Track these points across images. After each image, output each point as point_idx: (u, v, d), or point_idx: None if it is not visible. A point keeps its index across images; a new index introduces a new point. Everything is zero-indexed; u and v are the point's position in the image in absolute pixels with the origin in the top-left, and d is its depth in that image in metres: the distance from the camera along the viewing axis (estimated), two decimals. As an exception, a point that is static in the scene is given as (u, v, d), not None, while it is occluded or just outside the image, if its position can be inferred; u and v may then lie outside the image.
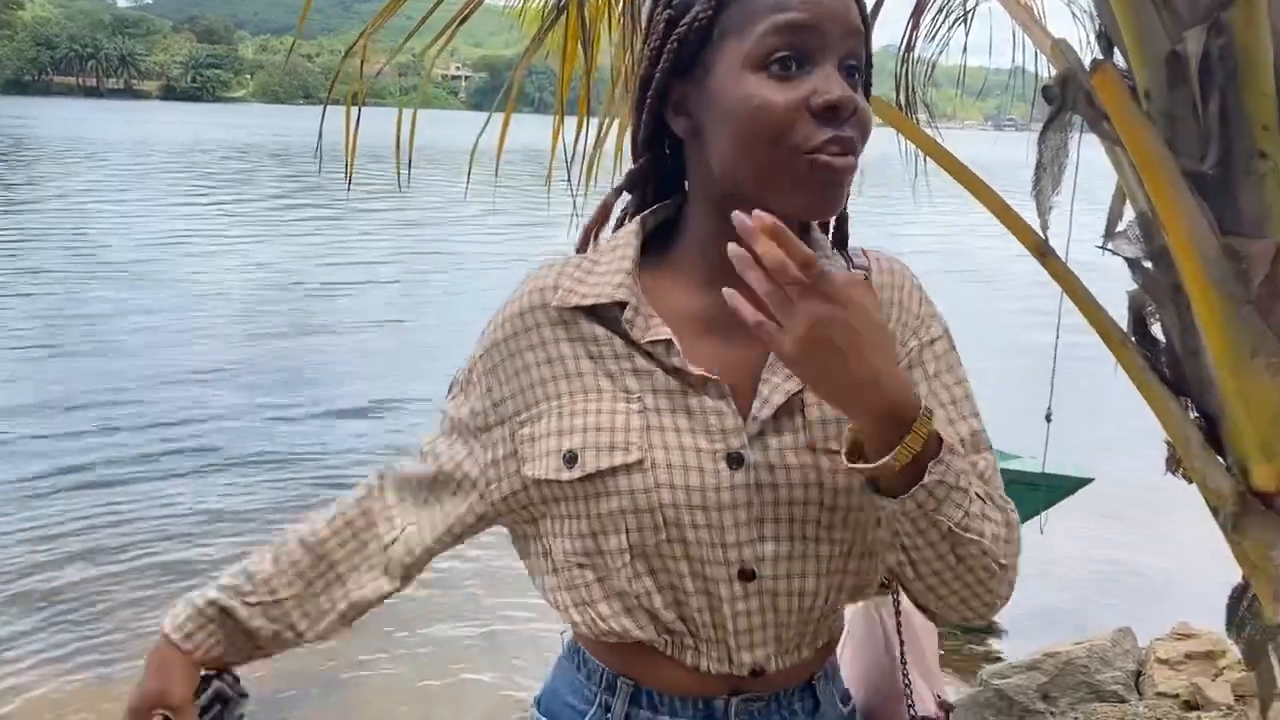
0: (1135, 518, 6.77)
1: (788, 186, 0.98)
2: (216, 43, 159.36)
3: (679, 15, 1.04)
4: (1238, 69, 1.81)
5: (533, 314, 1.09)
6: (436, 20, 3.04)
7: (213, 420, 8.50)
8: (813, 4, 0.98)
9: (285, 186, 29.15)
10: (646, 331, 1.05)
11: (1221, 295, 1.81)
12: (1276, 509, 1.85)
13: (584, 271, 1.09)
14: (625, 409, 1.04)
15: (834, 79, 0.97)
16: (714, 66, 1.01)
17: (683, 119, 1.06)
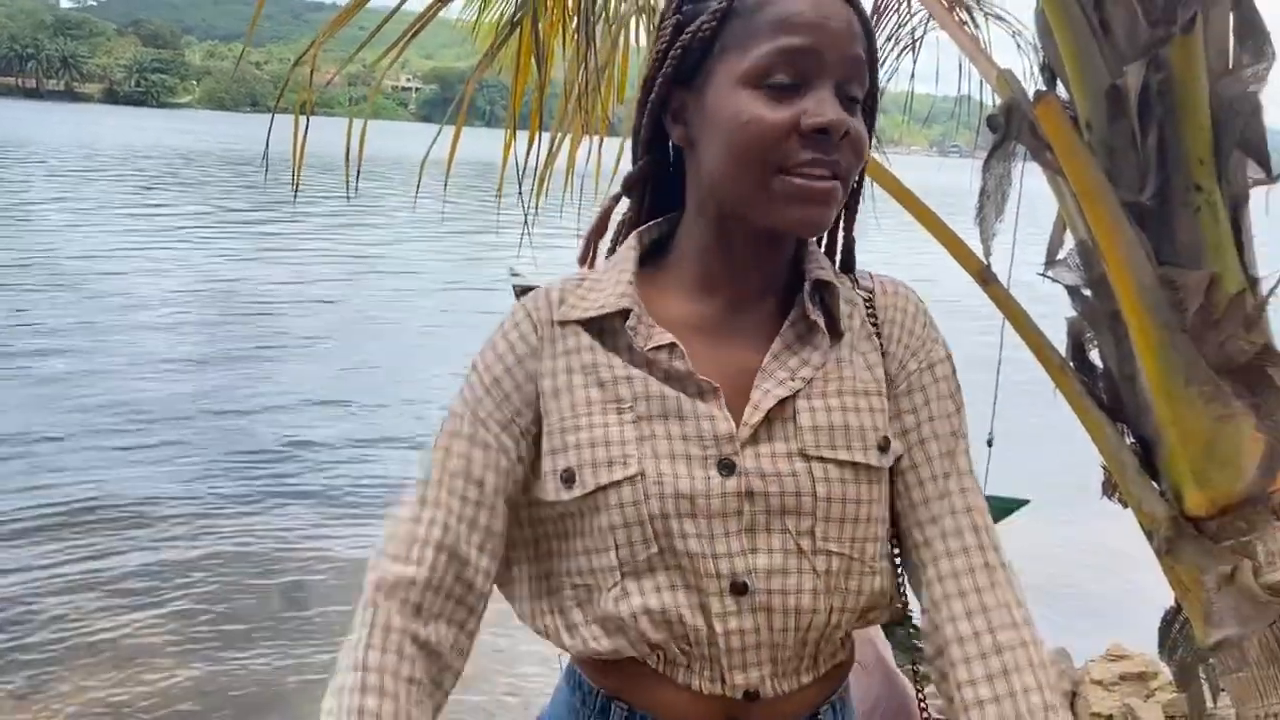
0: (1071, 540, 6.89)
1: (768, 203, 0.99)
2: (162, 47, 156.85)
3: (686, 22, 1.05)
4: (1175, 104, 1.86)
5: (534, 330, 1.09)
6: (388, 31, 3.03)
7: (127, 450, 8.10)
8: (815, 29, 0.98)
9: (229, 194, 28.71)
10: (649, 338, 1.04)
11: (1157, 324, 1.85)
12: (1208, 534, 1.89)
13: (586, 289, 1.09)
14: (618, 420, 1.03)
15: (827, 102, 0.98)
16: (712, 78, 1.02)
17: (680, 127, 1.07)
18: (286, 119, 2.95)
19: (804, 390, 1.05)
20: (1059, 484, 6.96)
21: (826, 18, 0.99)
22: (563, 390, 1.05)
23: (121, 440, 7.97)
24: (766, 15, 0.99)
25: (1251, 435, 1.85)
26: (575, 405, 1.05)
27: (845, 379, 1.08)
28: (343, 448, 8.24)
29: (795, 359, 1.06)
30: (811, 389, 1.05)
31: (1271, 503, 1.84)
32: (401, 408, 9.54)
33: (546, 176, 2.94)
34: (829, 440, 1.04)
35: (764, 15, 0.99)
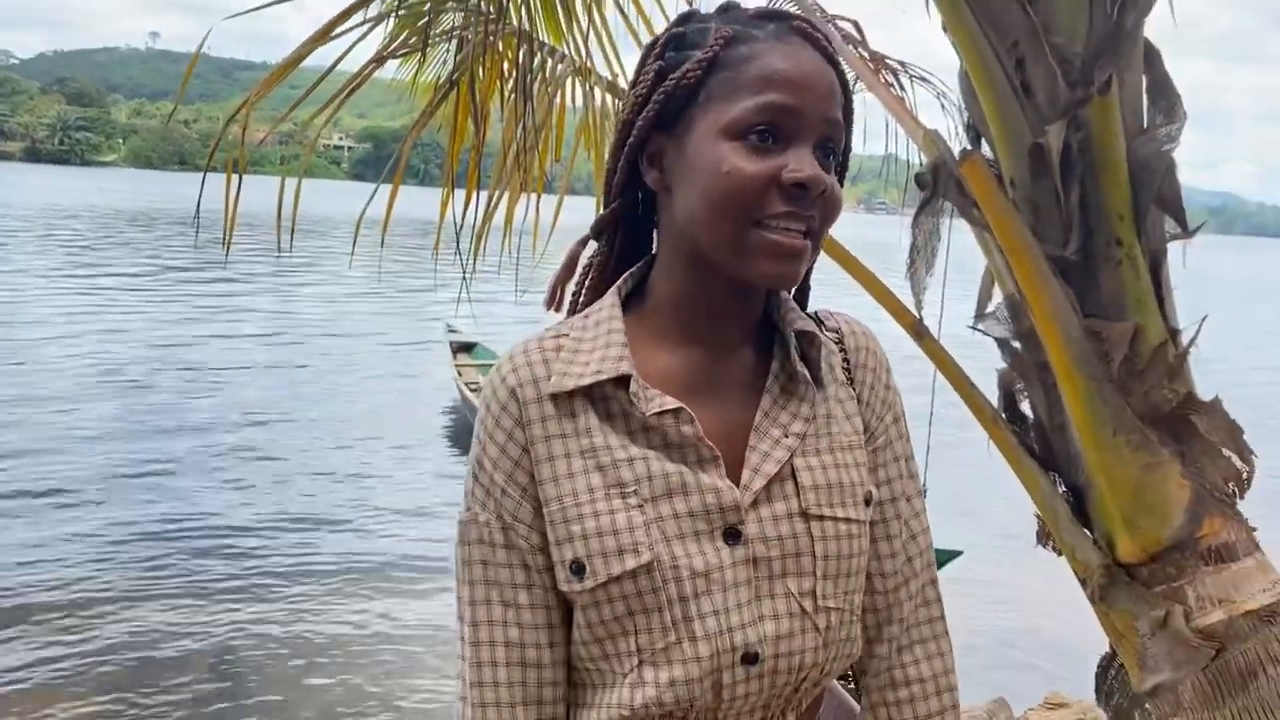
0: (1007, 589, 6.96)
1: (742, 255, 0.99)
2: (88, 105, 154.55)
3: (669, 69, 1.04)
4: (1095, 162, 1.92)
5: (523, 408, 1.04)
6: (321, 89, 3.02)
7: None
8: (798, 88, 0.99)
9: (157, 255, 28.15)
10: (651, 403, 1.02)
11: (1084, 374, 1.90)
12: (1140, 580, 1.93)
13: (571, 352, 1.05)
14: (624, 505, 1.00)
15: (807, 158, 0.99)
16: (694, 126, 1.02)
17: (656, 171, 1.06)
18: (218, 178, 2.91)
19: (799, 448, 1.05)
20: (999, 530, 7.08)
21: (810, 77, 1.00)
22: (562, 477, 1.02)
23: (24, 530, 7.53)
24: (752, 69, 1.00)
25: (1178, 482, 1.89)
26: (577, 492, 1.02)
27: (835, 434, 1.09)
28: (266, 529, 7.84)
29: (785, 414, 1.06)
30: (805, 446, 1.06)
31: (1199, 548, 1.88)
32: (334, 486, 9.11)
33: (484, 234, 2.94)
34: (828, 498, 1.05)
35: (750, 69, 1.00)
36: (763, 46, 1.01)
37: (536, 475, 1.03)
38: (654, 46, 1.09)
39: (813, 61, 1.01)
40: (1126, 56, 1.95)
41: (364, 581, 6.87)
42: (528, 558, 1.04)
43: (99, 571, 6.77)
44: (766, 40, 1.02)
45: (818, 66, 1.02)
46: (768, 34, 1.03)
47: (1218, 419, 1.92)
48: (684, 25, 1.08)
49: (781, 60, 1.00)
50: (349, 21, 2.80)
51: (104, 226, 36.87)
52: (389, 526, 8.05)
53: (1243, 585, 1.85)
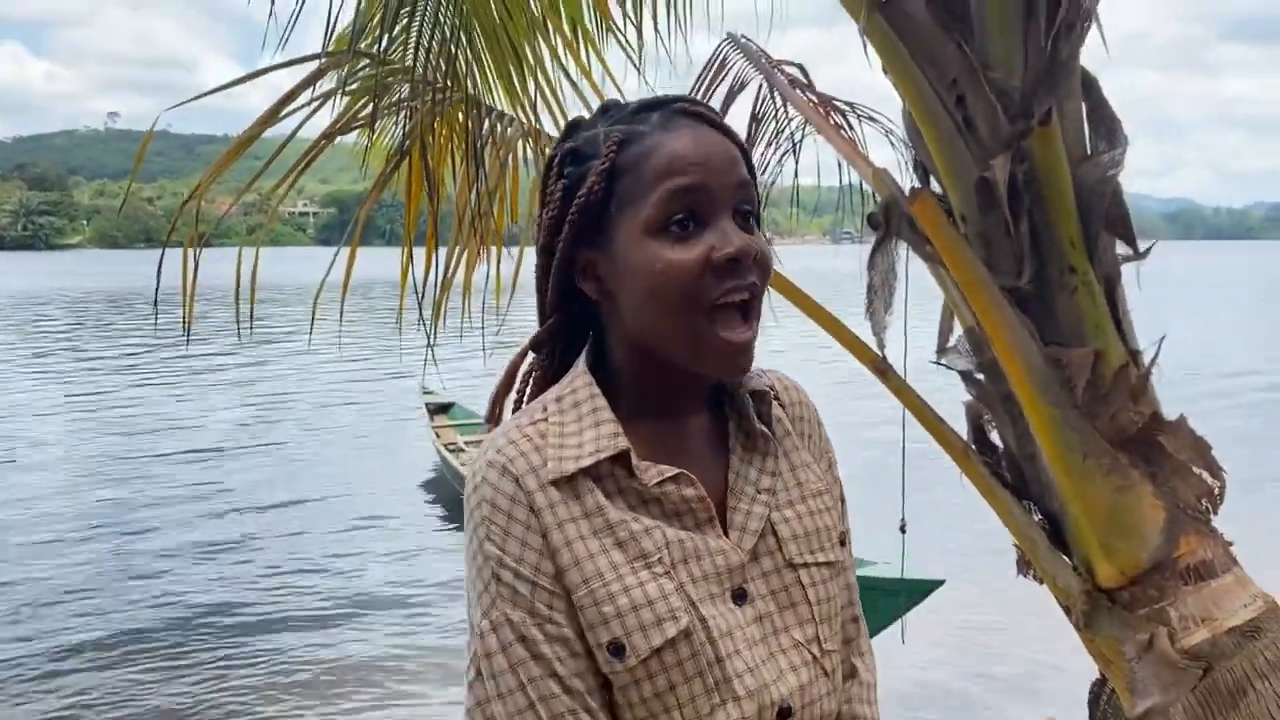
0: (995, 617, 6.92)
1: (696, 354, 1.02)
2: (49, 189, 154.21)
3: (574, 185, 1.05)
4: (1042, 192, 1.95)
5: (530, 496, 1.01)
6: (282, 158, 3.02)
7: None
8: (699, 167, 1.01)
9: (123, 334, 27.93)
10: (650, 473, 1.03)
11: (1049, 402, 1.91)
12: (1122, 604, 1.92)
13: (557, 436, 1.04)
14: (651, 576, 1.00)
15: (730, 232, 1.00)
16: (616, 234, 1.03)
17: (592, 283, 1.07)
18: (182, 254, 2.90)
19: (773, 502, 1.09)
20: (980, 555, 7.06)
21: (707, 153, 1.02)
22: (584, 559, 1.00)
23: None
24: (651, 164, 1.02)
25: (1151, 503, 1.90)
26: (602, 572, 1.00)
27: (804, 483, 1.13)
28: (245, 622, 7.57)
29: (754, 471, 1.09)
30: (778, 499, 1.09)
31: (1178, 568, 1.88)
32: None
33: (444, 299, 2.94)
34: (808, 546, 1.09)
35: (649, 165, 1.02)
36: (654, 140, 1.03)
37: (558, 564, 1.00)
38: (551, 165, 1.10)
39: (705, 137, 1.04)
40: (1064, 86, 1.98)
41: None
42: (573, 646, 0.99)
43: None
44: (654, 132, 1.04)
45: (710, 140, 1.04)
46: (654, 126, 1.04)
47: (1185, 437, 1.93)
48: (573, 139, 1.09)
49: (677, 146, 1.02)
50: (302, 96, 2.81)
51: (80, 311, 36.69)
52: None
53: (1223, 602, 1.85)
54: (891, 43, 2.01)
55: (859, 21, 2.05)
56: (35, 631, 7.24)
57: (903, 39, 2.01)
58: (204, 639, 7.14)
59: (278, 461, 12.86)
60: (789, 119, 3.12)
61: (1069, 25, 1.95)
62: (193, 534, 9.64)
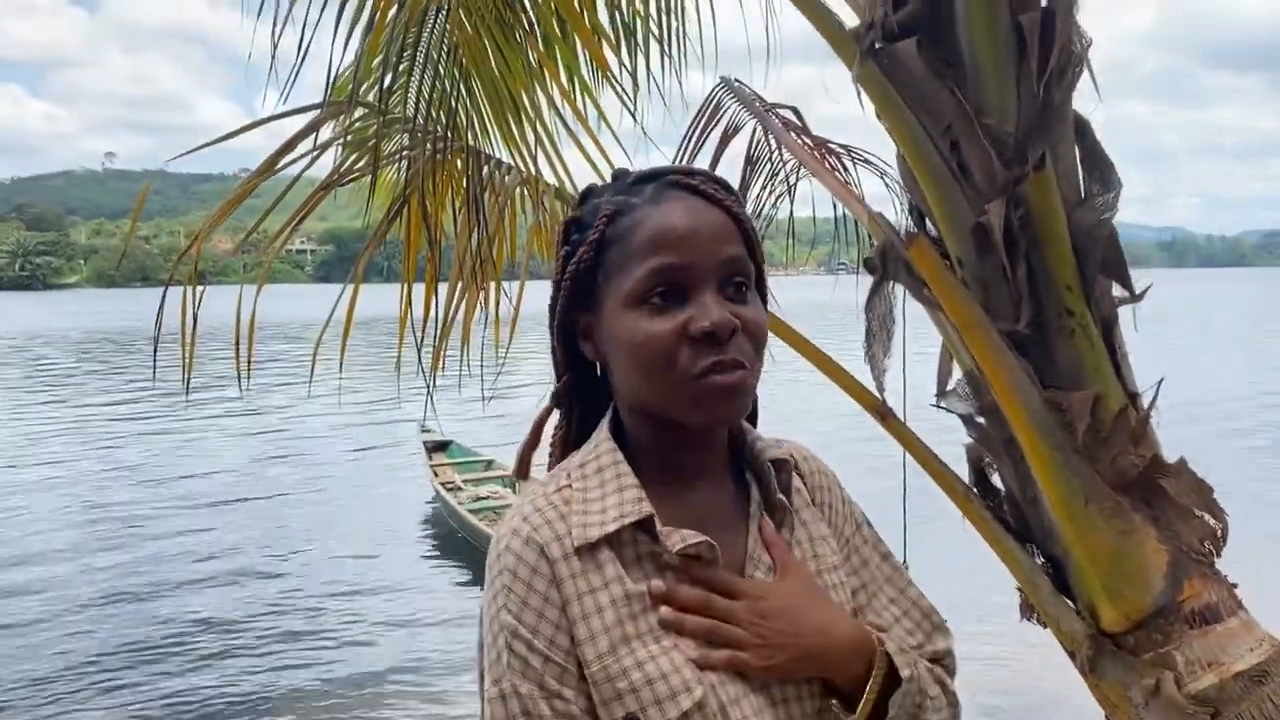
0: (1005, 656, 6.87)
1: (687, 406, 1.03)
2: (46, 230, 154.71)
3: (572, 253, 1.09)
4: (1038, 236, 1.96)
5: (554, 566, 1.02)
6: (277, 193, 3.03)
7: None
8: (684, 243, 1.02)
9: (112, 381, 27.80)
10: (672, 538, 1.04)
11: (1050, 446, 1.91)
12: (1127, 648, 1.91)
13: (581, 503, 1.05)
14: (662, 650, 1.01)
15: (709, 306, 1.01)
16: (604, 302, 1.07)
17: (590, 344, 1.11)
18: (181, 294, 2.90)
19: None
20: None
21: (695, 229, 1.03)
22: (599, 633, 1.01)
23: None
24: (638, 238, 1.04)
25: (1154, 547, 1.89)
26: (615, 646, 1.01)
27: (820, 557, 1.14)
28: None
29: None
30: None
31: (1183, 612, 1.87)
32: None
33: (443, 345, 2.94)
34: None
35: (635, 239, 1.04)
36: (642, 213, 1.05)
37: (574, 635, 1.01)
38: (562, 233, 1.15)
39: (695, 210, 1.05)
40: (1058, 132, 1.99)
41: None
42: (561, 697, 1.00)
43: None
44: (645, 206, 1.06)
45: (701, 213, 1.05)
46: (645, 199, 1.07)
47: (1186, 480, 1.92)
48: (581, 208, 1.14)
49: (662, 220, 1.04)
50: (302, 145, 2.83)
51: (80, 351, 36.64)
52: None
53: (1230, 646, 1.84)
54: (885, 89, 2.03)
55: (852, 69, 2.06)
56: (21, 674, 7.18)
57: (896, 85, 2.03)
58: (197, 671, 7.09)
59: (275, 498, 12.82)
60: (784, 162, 3.15)
61: (1061, 71, 1.97)
62: (185, 574, 9.58)
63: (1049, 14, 1.92)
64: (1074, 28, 1.94)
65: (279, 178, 2.95)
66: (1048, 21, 1.92)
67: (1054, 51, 1.93)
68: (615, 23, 2.82)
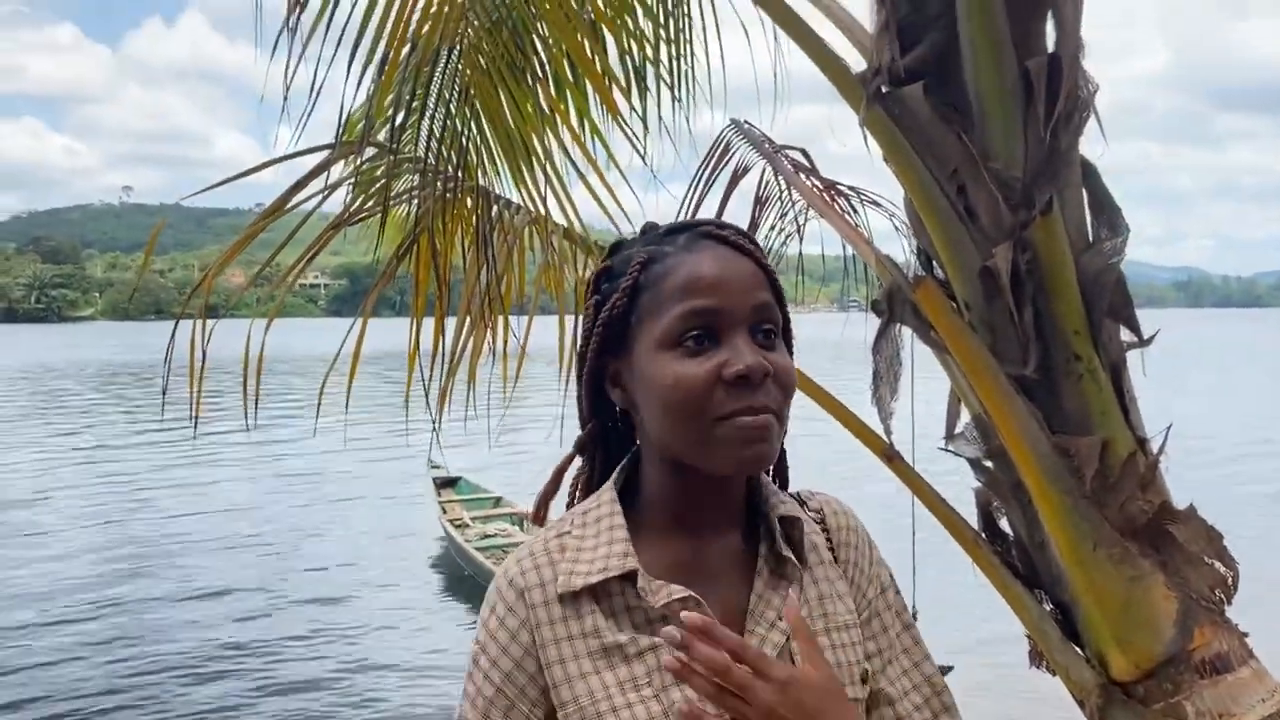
0: (1006, 704, 6.78)
1: (711, 452, 1.03)
2: (63, 262, 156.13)
3: (604, 301, 1.12)
4: (1045, 280, 1.95)
5: (531, 610, 1.06)
6: (290, 228, 3.05)
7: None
8: (716, 289, 1.04)
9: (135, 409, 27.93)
10: (659, 594, 1.05)
11: (1058, 491, 1.89)
12: (1137, 698, 1.89)
13: (575, 550, 1.08)
14: (639, 698, 1.02)
15: (742, 350, 1.03)
16: (635, 346, 1.08)
17: (619, 390, 1.13)
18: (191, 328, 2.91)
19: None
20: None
21: (725, 276, 1.06)
22: (575, 678, 1.04)
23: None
24: (671, 283, 1.06)
25: (1164, 594, 1.87)
26: (594, 692, 1.03)
27: (830, 614, 1.11)
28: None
29: (777, 598, 1.09)
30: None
31: (1193, 661, 1.85)
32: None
33: (450, 382, 2.95)
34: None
35: (668, 284, 1.06)
36: (675, 260, 1.08)
37: (550, 679, 1.04)
38: (590, 284, 1.17)
39: (726, 259, 1.07)
40: (1064, 176, 2.00)
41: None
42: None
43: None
44: (678, 254, 1.08)
45: (732, 262, 1.07)
46: (678, 247, 1.09)
47: (1195, 527, 1.91)
48: (611, 258, 1.16)
49: (695, 267, 1.06)
50: (314, 184, 2.85)
51: (91, 383, 36.80)
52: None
53: (1240, 697, 1.82)
54: (891, 133, 2.04)
55: (859, 113, 2.08)
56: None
57: (903, 129, 2.04)
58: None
59: (282, 534, 12.79)
60: (793, 202, 3.16)
61: (1068, 116, 1.98)
62: (193, 612, 9.54)
63: (1055, 59, 1.93)
64: (1081, 73, 1.95)
65: (292, 214, 2.97)
66: (1054, 66, 1.92)
67: (1061, 96, 1.93)
68: (626, 66, 2.85)
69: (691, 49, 2.96)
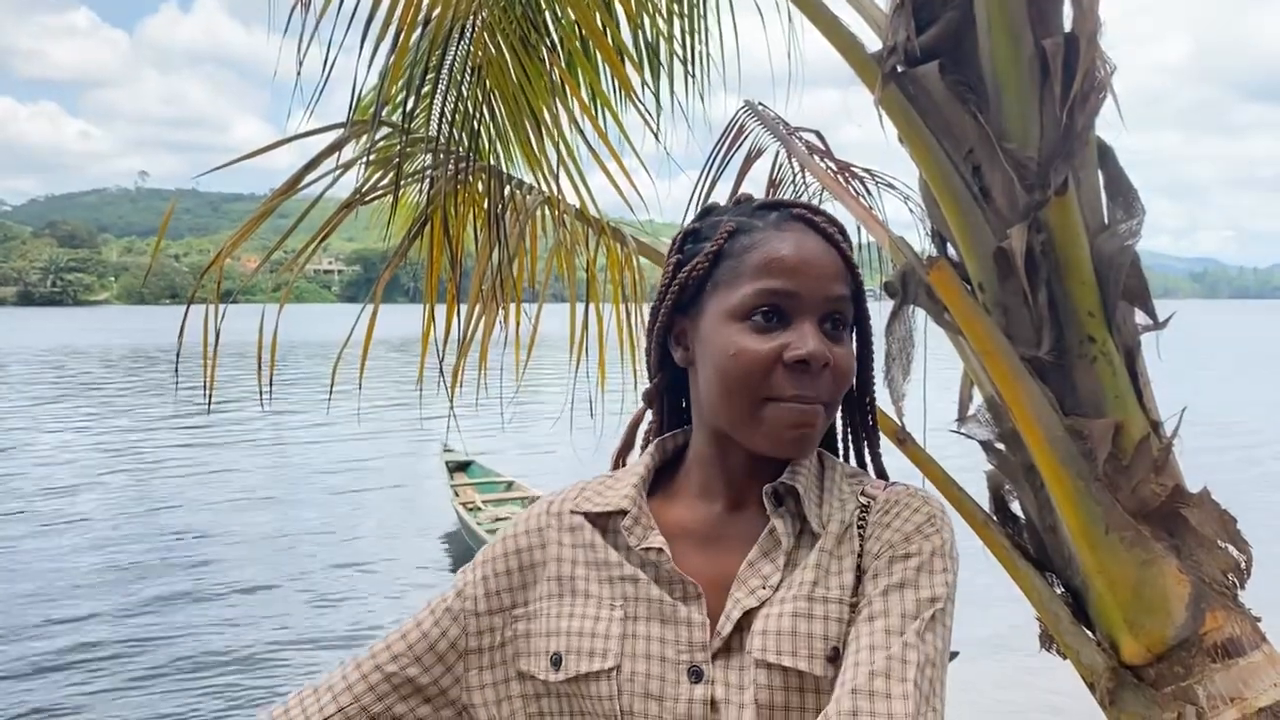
0: (1014, 692, 6.76)
1: (755, 429, 1.06)
2: (79, 246, 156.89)
3: (685, 260, 1.13)
4: (1060, 262, 1.94)
5: (548, 520, 1.16)
6: (309, 216, 3.06)
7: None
8: (795, 273, 1.06)
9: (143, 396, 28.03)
10: (643, 539, 1.10)
11: (1071, 474, 1.88)
12: (1148, 681, 1.88)
13: (604, 486, 1.16)
14: (608, 615, 1.08)
15: (809, 335, 1.04)
16: (706, 310, 1.10)
17: (681, 350, 1.15)
18: (204, 312, 2.92)
19: (771, 597, 1.07)
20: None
21: (807, 260, 1.07)
22: (564, 579, 1.12)
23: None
24: (753, 257, 1.08)
25: (1176, 577, 1.86)
26: (574, 594, 1.11)
27: (812, 583, 1.08)
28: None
29: (769, 565, 1.09)
30: (776, 595, 1.07)
31: (1205, 644, 1.84)
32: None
33: (462, 363, 2.95)
34: (775, 645, 1.04)
35: (750, 257, 1.08)
36: (762, 235, 1.09)
37: (546, 573, 1.13)
38: (675, 242, 1.19)
39: (811, 245, 1.08)
40: (1080, 157, 1.98)
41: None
42: (457, 619, 1.13)
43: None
44: (766, 229, 1.09)
45: (817, 249, 1.08)
46: (768, 223, 1.10)
47: (1209, 510, 1.90)
48: (701, 221, 1.17)
49: (779, 247, 1.07)
50: (327, 163, 2.85)
51: (109, 366, 36.99)
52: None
53: (1252, 681, 1.81)
54: (907, 113, 2.03)
55: (874, 92, 2.06)
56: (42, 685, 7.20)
57: (918, 110, 2.02)
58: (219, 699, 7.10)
59: (294, 516, 12.86)
60: (807, 185, 3.14)
61: (1084, 96, 1.96)
62: (204, 597, 9.58)
63: (1072, 39, 1.91)
64: (1097, 53, 1.93)
65: (305, 196, 2.98)
66: (1071, 46, 1.91)
67: (1077, 76, 1.92)
68: (638, 41, 2.83)
69: (705, 25, 2.94)
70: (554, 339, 3.42)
